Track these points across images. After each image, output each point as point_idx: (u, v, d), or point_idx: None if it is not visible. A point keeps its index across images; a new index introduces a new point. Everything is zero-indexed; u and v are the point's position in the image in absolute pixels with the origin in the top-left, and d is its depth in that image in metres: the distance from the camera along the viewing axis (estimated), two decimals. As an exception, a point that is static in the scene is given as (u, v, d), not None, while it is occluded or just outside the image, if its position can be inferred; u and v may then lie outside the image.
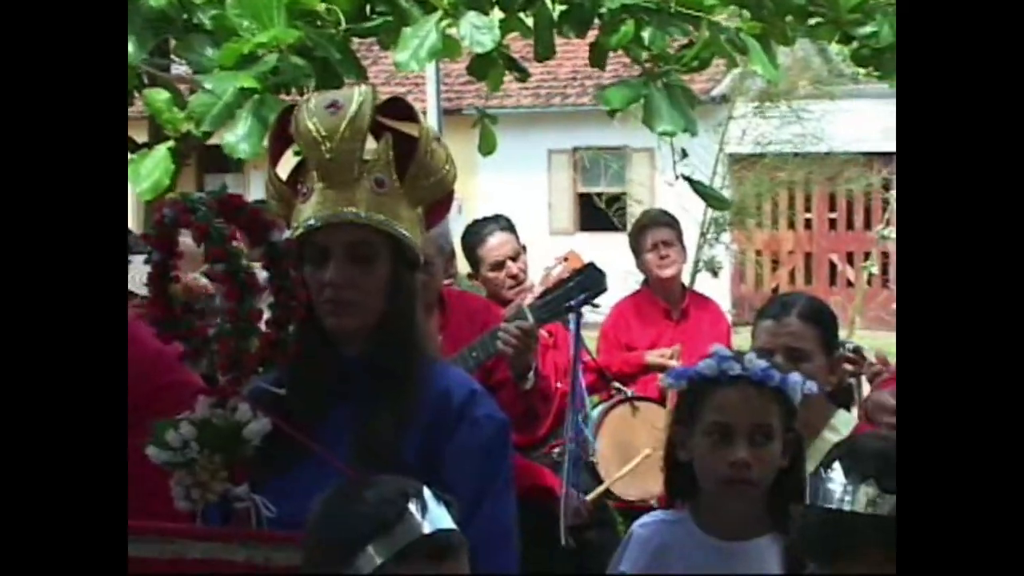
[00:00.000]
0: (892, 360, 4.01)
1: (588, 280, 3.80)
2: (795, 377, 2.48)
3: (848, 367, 3.77)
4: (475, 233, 5.07)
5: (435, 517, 2.11)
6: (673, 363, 5.37)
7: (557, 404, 4.70)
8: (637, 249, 5.70)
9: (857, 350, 3.96)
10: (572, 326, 3.88)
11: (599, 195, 19.99)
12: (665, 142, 5.34)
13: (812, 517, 2.06)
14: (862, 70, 6.20)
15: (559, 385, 4.76)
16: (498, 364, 3.89)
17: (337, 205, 2.43)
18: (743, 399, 2.45)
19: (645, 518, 2.63)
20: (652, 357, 5.44)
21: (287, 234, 2.50)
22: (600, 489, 4.96)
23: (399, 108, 2.55)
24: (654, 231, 5.65)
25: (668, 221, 5.75)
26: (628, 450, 5.17)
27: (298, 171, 2.56)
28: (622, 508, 5.20)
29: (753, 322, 3.24)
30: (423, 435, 2.45)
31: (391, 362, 2.48)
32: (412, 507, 2.10)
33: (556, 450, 4.95)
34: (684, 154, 5.51)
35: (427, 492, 2.14)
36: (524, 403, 3.87)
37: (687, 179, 5.44)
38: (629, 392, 5.31)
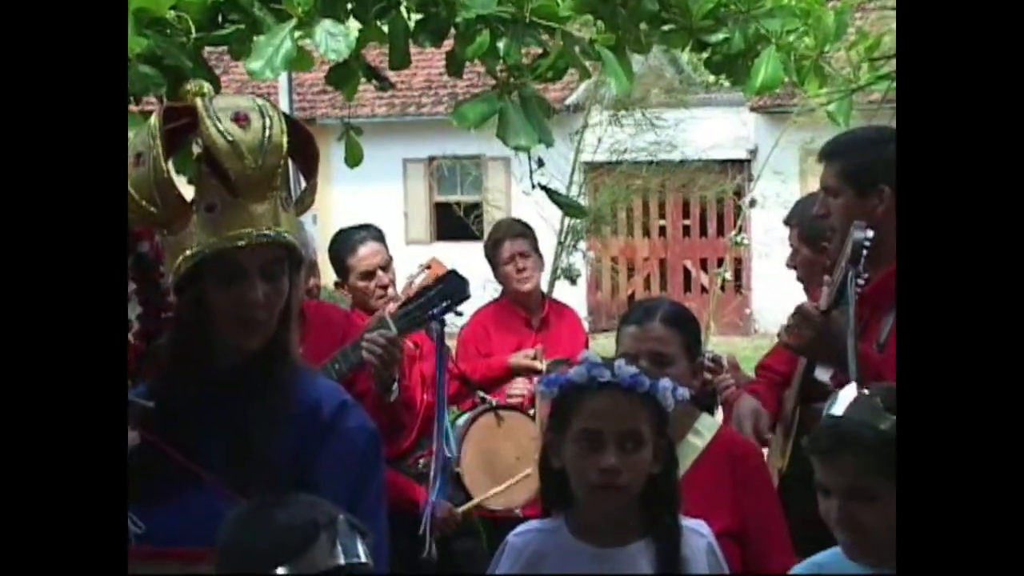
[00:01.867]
0: (741, 366, 4.12)
1: (450, 288, 3.77)
2: (665, 383, 2.48)
3: (708, 376, 3.83)
4: (344, 242, 5.01)
5: (347, 548, 2.07)
6: (537, 364, 5.36)
7: (423, 415, 4.67)
8: (494, 261, 5.68)
9: (716, 359, 4.04)
10: (436, 335, 3.86)
11: (456, 204, 20.05)
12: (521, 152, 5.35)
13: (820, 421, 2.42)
14: (713, 79, 6.28)
15: (426, 397, 4.74)
16: (359, 375, 3.85)
17: (258, 223, 2.39)
18: (612, 405, 2.45)
19: (520, 527, 2.62)
20: (516, 359, 5.42)
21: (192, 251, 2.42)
22: (471, 504, 4.94)
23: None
24: (510, 243, 5.62)
25: (523, 231, 5.73)
26: (493, 460, 5.15)
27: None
28: (485, 517, 5.19)
29: (617, 328, 3.25)
30: (294, 446, 2.43)
31: (268, 373, 2.45)
32: (323, 536, 2.06)
33: (421, 461, 4.92)
34: (540, 163, 5.51)
35: (341, 520, 2.10)
36: (388, 415, 3.84)
37: (544, 188, 5.45)
38: (494, 401, 5.28)
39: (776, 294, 18.63)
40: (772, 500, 3.19)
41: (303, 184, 2.56)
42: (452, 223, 19.94)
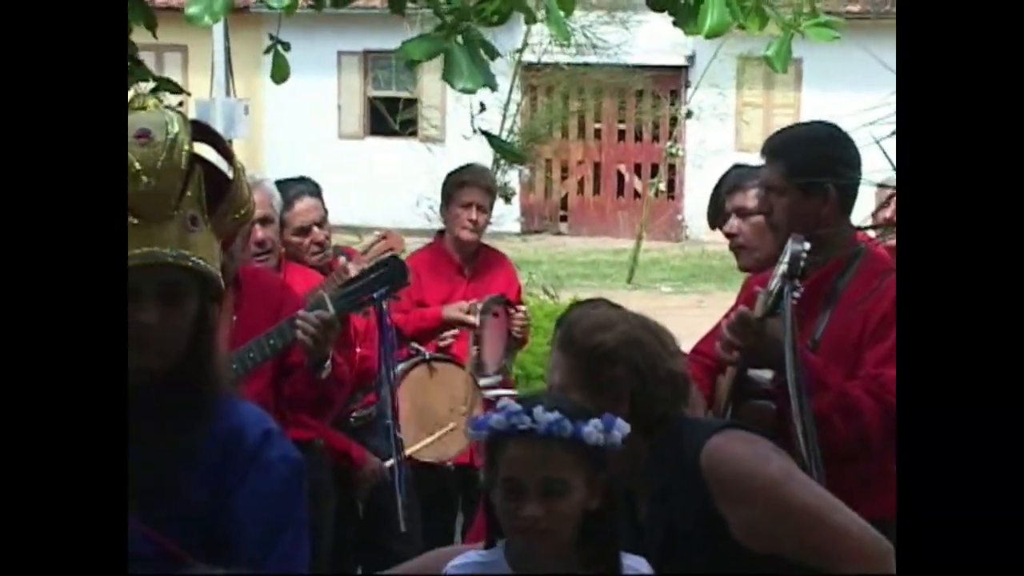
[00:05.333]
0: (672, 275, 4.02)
1: (391, 273, 3.72)
2: (592, 426, 2.38)
3: None
4: (281, 195, 4.91)
5: None
6: (471, 319, 5.32)
7: (357, 368, 4.64)
8: (448, 199, 5.55)
9: None
10: (379, 318, 3.85)
11: (389, 100, 19.83)
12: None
13: None
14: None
15: (360, 349, 4.71)
16: (294, 347, 3.81)
17: (151, 244, 2.29)
18: (532, 453, 2.38)
19: (459, 559, 2.55)
20: (450, 312, 5.35)
21: None
22: (401, 456, 4.92)
23: (202, 133, 2.44)
24: (473, 190, 5.50)
25: (489, 186, 5.62)
26: (425, 412, 5.12)
27: None
28: (416, 467, 5.20)
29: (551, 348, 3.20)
30: (212, 476, 2.34)
31: (183, 399, 2.38)
32: None
33: (355, 415, 4.92)
34: (482, 108, 5.47)
35: None
36: (318, 390, 3.81)
37: (485, 133, 5.41)
38: (427, 354, 5.25)
39: (706, 202, 18.70)
40: None
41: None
42: (386, 119, 19.74)
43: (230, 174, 2.42)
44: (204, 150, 2.43)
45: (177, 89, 5.97)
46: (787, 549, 2.53)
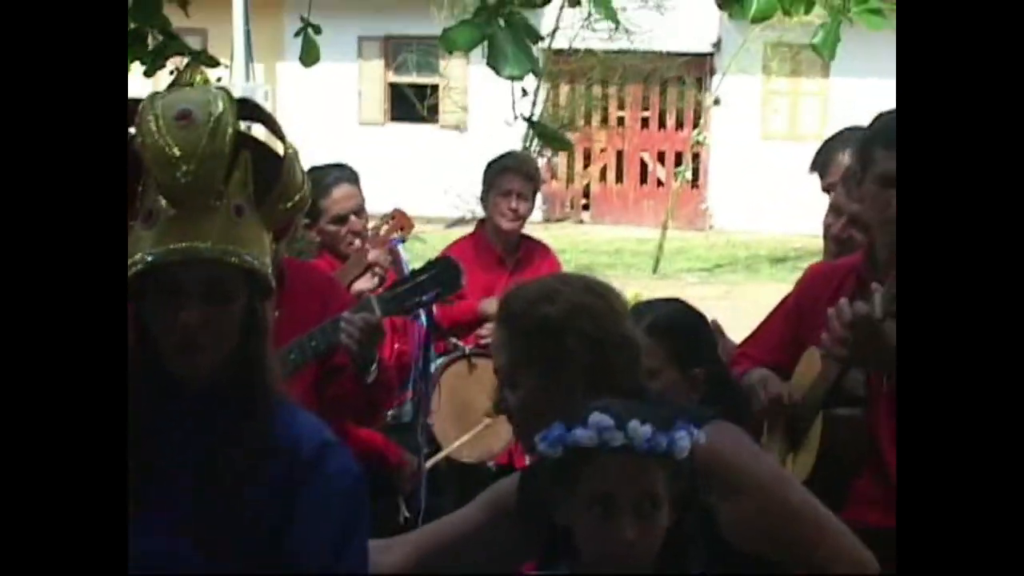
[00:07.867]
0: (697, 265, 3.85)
1: (443, 276, 3.49)
2: (680, 436, 2.21)
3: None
4: (318, 182, 4.69)
5: None
6: None
7: (394, 363, 4.45)
8: (489, 186, 5.36)
9: (714, 324, 3.74)
10: (424, 320, 3.64)
11: (411, 86, 19.62)
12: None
13: None
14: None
15: (396, 346, 4.53)
16: (338, 348, 3.61)
17: (191, 238, 2.10)
18: (627, 469, 2.19)
19: None
20: (488, 305, 5.15)
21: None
22: (438, 456, 4.75)
23: (249, 110, 2.25)
24: (513, 179, 5.31)
25: (533, 175, 5.43)
26: (465, 409, 4.95)
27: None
28: (455, 468, 5.02)
29: None
30: (267, 488, 2.18)
31: (237, 403, 2.20)
32: None
33: (390, 412, 4.73)
34: (525, 93, 5.29)
35: None
36: (365, 395, 3.59)
37: (528, 120, 5.22)
38: (466, 348, 5.07)
39: (731, 190, 18.54)
40: None
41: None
42: (407, 105, 19.53)
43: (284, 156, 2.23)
44: (253, 131, 2.25)
45: (214, 63, 5.78)
46: (772, 548, 2.44)
